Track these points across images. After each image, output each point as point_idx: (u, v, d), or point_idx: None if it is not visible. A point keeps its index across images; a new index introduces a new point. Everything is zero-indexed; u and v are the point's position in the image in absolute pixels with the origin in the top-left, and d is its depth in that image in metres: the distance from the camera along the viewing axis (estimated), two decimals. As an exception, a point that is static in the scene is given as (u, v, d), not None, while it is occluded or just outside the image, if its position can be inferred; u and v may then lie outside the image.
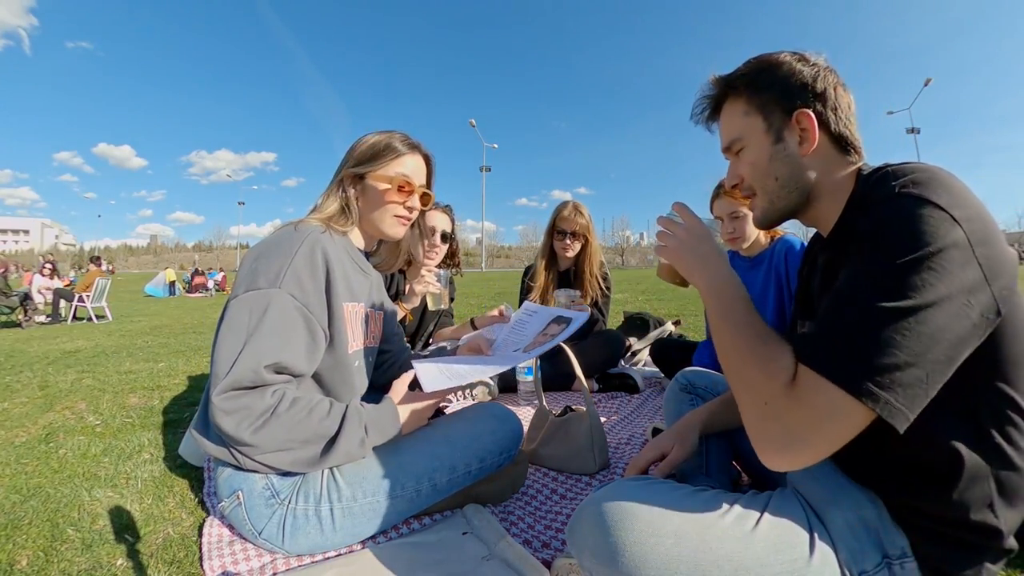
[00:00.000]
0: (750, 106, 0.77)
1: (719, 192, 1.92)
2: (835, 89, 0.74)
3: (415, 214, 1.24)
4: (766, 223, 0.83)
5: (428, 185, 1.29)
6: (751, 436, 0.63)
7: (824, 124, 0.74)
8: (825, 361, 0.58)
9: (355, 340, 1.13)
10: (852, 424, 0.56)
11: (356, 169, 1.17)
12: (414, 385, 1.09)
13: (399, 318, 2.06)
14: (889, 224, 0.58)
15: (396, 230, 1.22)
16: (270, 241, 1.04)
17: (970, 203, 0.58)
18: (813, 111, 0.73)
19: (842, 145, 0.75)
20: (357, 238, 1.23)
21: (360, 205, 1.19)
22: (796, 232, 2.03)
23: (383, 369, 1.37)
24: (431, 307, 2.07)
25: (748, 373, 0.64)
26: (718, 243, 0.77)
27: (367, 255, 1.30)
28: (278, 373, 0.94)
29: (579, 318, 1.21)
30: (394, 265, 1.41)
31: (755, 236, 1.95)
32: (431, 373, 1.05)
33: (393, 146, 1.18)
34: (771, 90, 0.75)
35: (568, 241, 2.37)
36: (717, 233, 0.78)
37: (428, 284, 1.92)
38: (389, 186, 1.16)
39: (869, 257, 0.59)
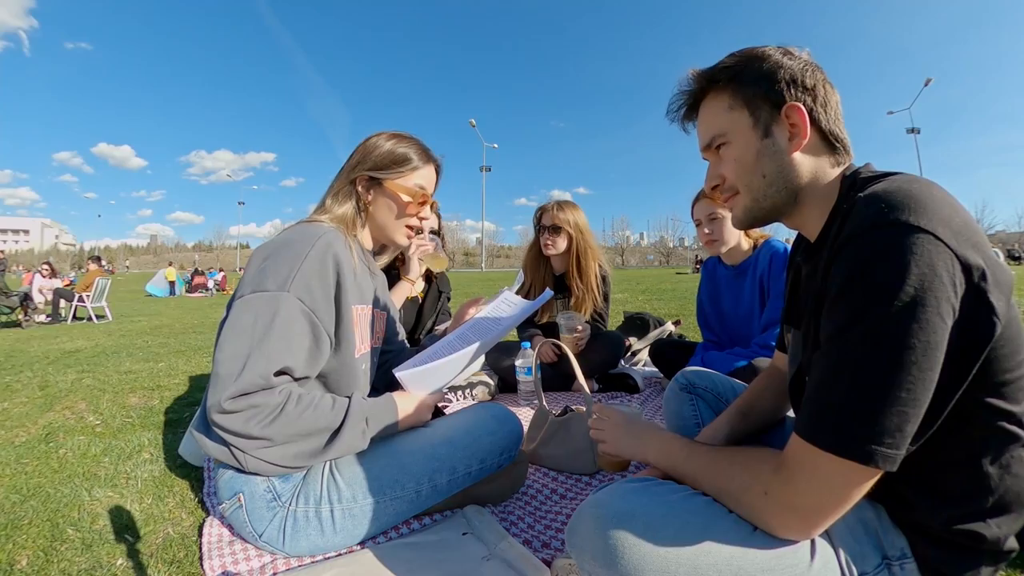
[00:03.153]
0: (735, 100, 0.72)
1: (700, 195, 1.86)
2: (823, 85, 0.71)
3: (425, 224, 1.26)
4: (747, 222, 0.77)
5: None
6: (770, 531, 0.62)
7: (814, 120, 0.70)
8: (830, 436, 0.55)
9: (363, 343, 1.12)
10: (863, 485, 0.56)
11: (373, 173, 1.15)
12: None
13: (411, 296, 2.06)
14: (862, 269, 0.54)
15: (404, 241, 1.24)
16: (280, 241, 1.01)
17: (951, 213, 0.54)
18: (804, 105, 0.69)
19: (831, 144, 0.72)
20: (365, 239, 1.23)
21: (372, 210, 1.18)
22: (781, 235, 1.97)
23: (384, 369, 1.37)
24: (433, 269, 2.03)
25: (735, 488, 0.65)
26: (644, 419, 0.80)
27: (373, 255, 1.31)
28: (282, 375, 0.94)
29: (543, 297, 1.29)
30: (387, 261, 1.45)
31: (735, 241, 1.87)
32: (416, 378, 1.08)
33: (412, 156, 1.18)
34: (758, 84, 0.70)
35: (548, 236, 2.28)
36: (639, 415, 0.94)
37: (421, 246, 1.88)
38: (409, 198, 1.17)
39: (850, 308, 0.55)
